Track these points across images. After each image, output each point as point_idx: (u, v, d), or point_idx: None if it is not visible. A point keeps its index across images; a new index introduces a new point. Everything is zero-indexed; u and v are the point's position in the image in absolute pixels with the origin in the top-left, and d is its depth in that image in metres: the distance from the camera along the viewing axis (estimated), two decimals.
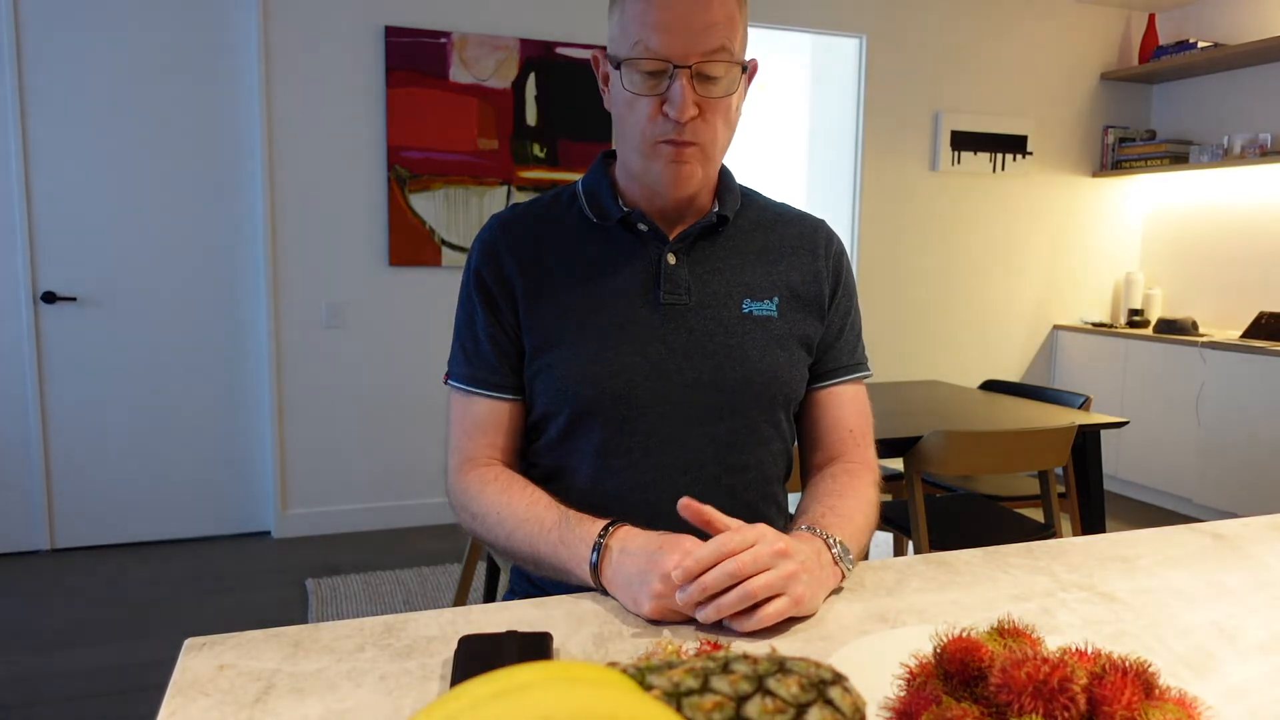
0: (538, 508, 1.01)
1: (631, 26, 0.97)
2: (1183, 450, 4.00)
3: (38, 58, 3.14)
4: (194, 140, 3.33)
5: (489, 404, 1.10)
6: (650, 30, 0.95)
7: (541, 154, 3.68)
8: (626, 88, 0.99)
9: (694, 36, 0.95)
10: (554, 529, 0.97)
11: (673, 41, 0.95)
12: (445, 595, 2.95)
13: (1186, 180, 4.57)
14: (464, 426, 1.11)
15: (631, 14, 0.97)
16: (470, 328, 1.12)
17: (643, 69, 0.98)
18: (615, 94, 1.03)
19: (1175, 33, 4.59)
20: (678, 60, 0.96)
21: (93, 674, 2.39)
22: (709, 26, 0.96)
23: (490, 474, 1.08)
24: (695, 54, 0.96)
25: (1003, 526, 2.31)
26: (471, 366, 1.11)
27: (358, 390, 3.58)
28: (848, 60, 4.24)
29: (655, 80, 0.98)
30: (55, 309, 3.25)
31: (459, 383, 1.12)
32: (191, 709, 0.68)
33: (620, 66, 0.99)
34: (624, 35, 0.98)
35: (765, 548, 0.82)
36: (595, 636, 0.82)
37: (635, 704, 0.41)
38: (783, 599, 0.81)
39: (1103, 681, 0.58)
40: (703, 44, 0.96)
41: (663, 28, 0.95)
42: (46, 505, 3.31)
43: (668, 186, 1.03)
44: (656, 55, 0.96)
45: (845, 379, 1.17)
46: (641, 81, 0.98)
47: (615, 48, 1.01)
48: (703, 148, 1.01)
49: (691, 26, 0.95)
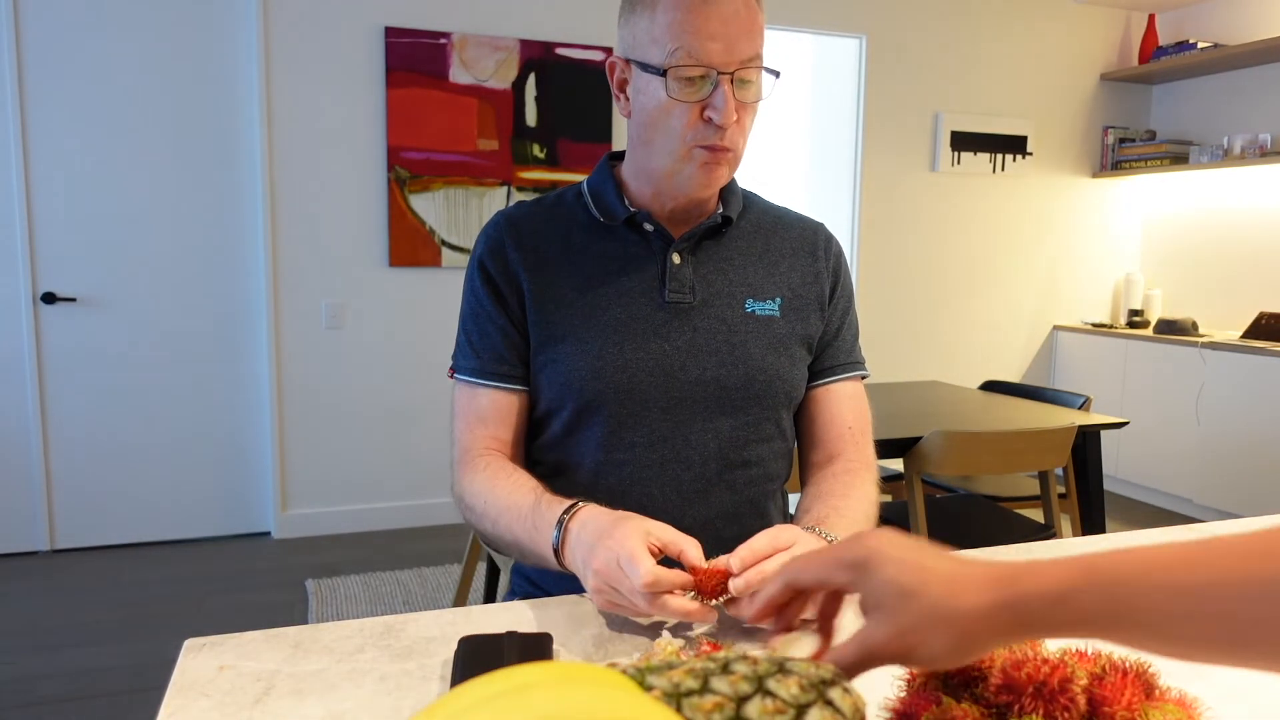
0: (516, 494, 1.01)
1: (669, 34, 0.98)
2: (1183, 450, 4.00)
3: (38, 58, 3.14)
4: (194, 140, 3.33)
5: (493, 395, 1.10)
6: (693, 38, 0.97)
7: (541, 154, 3.68)
8: (670, 94, 1.00)
9: (735, 44, 0.98)
10: (529, 514, 0.98)
11: (717, 49, 0.98)
12: (445, 595, 2.95)
13: (1186, 181, 4.57)
14: (467, 419, 1.11)
15: (666, 21, 0.99)
16: (475, 320, 1.12)
17: (685, 75, 0.99)
18: (645, 100, 1.04)
19: (1175, 33, 4.59)
20: (721, 67, 0.98)
21: (93, 674, 2.39)
22: (748, 34, 0.99)
23: (481, 464, 1.08)
24: (736, 61, 0.99)
25: (1003, 527, 2.31)
26: (477, 358, 1.11)
27: (358, 390, 3.58)
28: (848, 60, 4.24)
29: (695, 87, 1.00)
30: (55, 309, 3.25)
31: (464, 374, 1.12)
32: (191, 709, 0.68)
33: (664, 73, 1.00)
34: (657, 42, 1.00)
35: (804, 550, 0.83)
36: (595, 637, 0.82)
37: (635, 704, 0.41)
38: None
39: (1103, 682, 0.58)
40: (742, 51, 0.99)
41: (708, 35, 0.97)
42: (46, 505, 3.31)
43: (699, 188, 1.06)
44: (700, 62, 0.98)
45: (844, 377, 1.17)
46: (682, 88, 1.00)
47: (645, 53, 1.02)
48: (735, 152, 1.05)
49: (733, 34, 0.98)
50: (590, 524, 0.89)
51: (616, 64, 1.07)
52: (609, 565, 0.81)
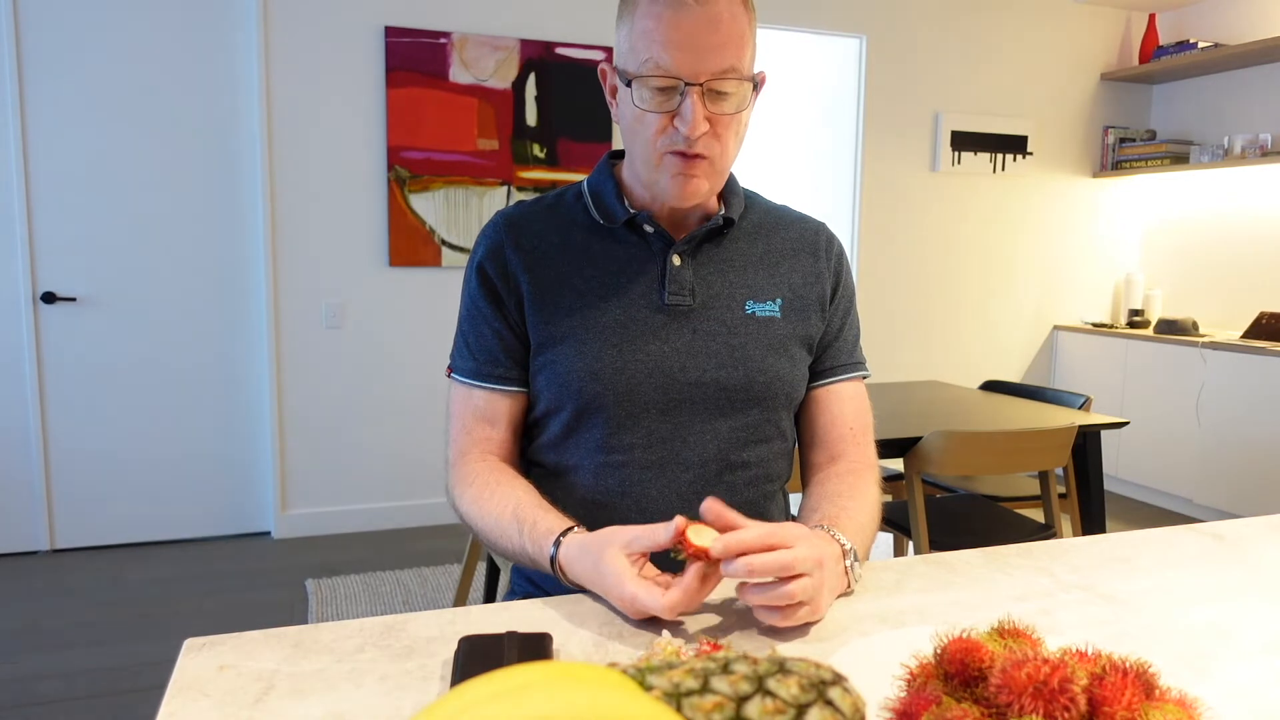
0: (504, 519, 1.02)
1: (642, 43, 0.98)
2: (1183, 450, 4.00)
3: (38, 58, 3.14)
4: (194, 140, 3.33)
5: (490, 396, 1.11)
6: (661, 48, 0.96)
7: (541, 154, 3.68)
8: (636, 104, 1.00)
9: (704, 55, 0.96)
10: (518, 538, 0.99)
11: (684, 59, 0.96)
12: (445, 595, 2.95)
13: (1187, 181, 4.57)
14: (463, 420, 1.11)
15: (641, 30, 0.98)
16: (472, 322, 1.12)
17: (653, 85, 0.98)
18: (624, 109, 1.04)
19: (1175, 33, 4.59)
20: (688, 78, 0.97)
21: (93, 674, 2.39)
22: (720, 46, 0.97)
23: (470, 474, 1.08)
24: (705, 73, 0.97)
25: (1003, 527, 2.31)
26: (473, 360, 1.11)
27: (357, 390, 3.58)
28: (848, 60, 4.24)
29: (666, 96, 0.99)
30: (55, 309, 3.25)
31: (461, 375, 1.12)
32: (191, 709, 0.68)
33: (631, 83, 1.00)
34: (634, 51, 0.99)
35: (808, 551, 0.82)
36: (595, 637, 0.82)
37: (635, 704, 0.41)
38: (806, 608, 0.82)
39: (1103, 682, 0.57)
40: (713, 63, 0.97)
41: (674, 45, 0.96)
42: (46, 505, 3.31)
43: (675, 198, 1.05)
44: (668, 73, 0.97)
45: (845, 377, 1.17)
46: (652, 97, 0.99)
47: (624, 62, 1.02)
48: (712, 161, 1.03)
49: (702, 45, 0.96)
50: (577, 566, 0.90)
51: (607, 71, 1.07)
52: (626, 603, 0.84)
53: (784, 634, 0.83)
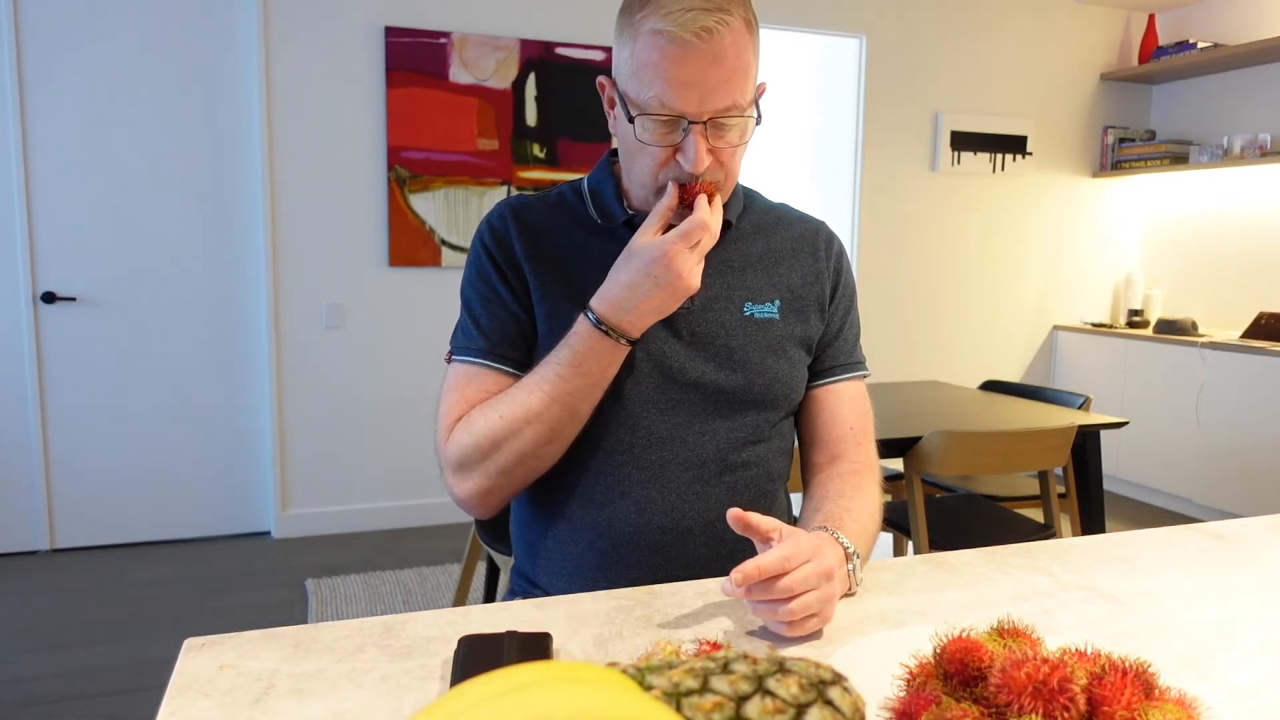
0: (518, 393, 1.02)
1: (646, 75, 0.97)
2: (1183, 450, 4.00)
3: (38, 58, 3.14)
4: (194, 140, 3.33)
5: (498, 377, 1.08)
6: (665, 85, 0.96)
7: (541, 154, 3.68)
8: (639, 136, 1.00)
9: (708, 94, 0.96)
10: (546, 385, 1.00)
11: (688, 98, 0.96)
12: (445, 595, 2.95)
13: (1186, 181, 4.57)
14: (462, 393, 1.08)
15: (645, 62, 0.97)
16: (485, 304, 1.10)
17: (657, 120, 0.98)
18: (624, 129, 1.04)
19: (1175, 33, 4.59)
20: (694, 116, 0.97)
21: (93, 674, 2.39)
22: (724, 82, 0.96)
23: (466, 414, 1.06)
24: (709, 111, 0.97)
25: (1003, 526, 2.31)
26: (485, 340, 1.09)
27: (357, 390, 3.58)
28: (848, 60, 4.24)
29: (668, 129, 0.99)
30: (55, 309, 3.25)
31: (464, 355, 1.09)
32: (191, 709, 0.68)
33: (633, 120, 1.00)
34: (636, 79, 0.98)
35: (817, 567, 0.83)
36: (595, 637, 0.82)
37: (635, 704, 0.41)
38: (814, 619, 0.83)
39: (1102, 682, 0.58)
40: (716, 101, 0.97)
41: (679, 84, 0.95)
42: (46, 505, 3.31)
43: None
44: (673, 110, 0.97)
45: (845, 377, 1.17)
46: (655, 129, 0.99)
47: (626, 86, 1.01)
48: (716, 184, 1.03)
49: (707, 84, 0.96)
50: (612, 291, 1.00)
51: (606, 83, 1.07)
52: (672, 275, 0.97)
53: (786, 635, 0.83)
